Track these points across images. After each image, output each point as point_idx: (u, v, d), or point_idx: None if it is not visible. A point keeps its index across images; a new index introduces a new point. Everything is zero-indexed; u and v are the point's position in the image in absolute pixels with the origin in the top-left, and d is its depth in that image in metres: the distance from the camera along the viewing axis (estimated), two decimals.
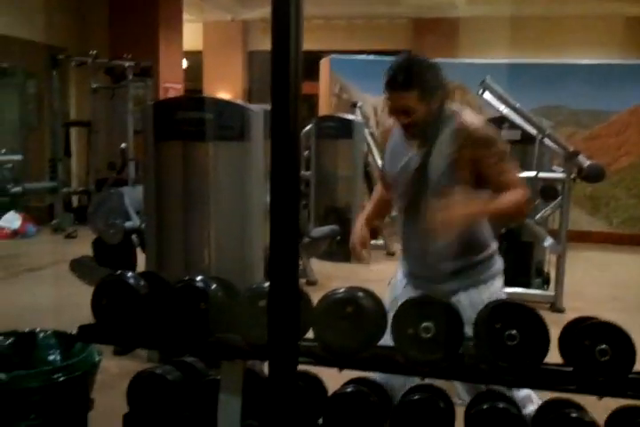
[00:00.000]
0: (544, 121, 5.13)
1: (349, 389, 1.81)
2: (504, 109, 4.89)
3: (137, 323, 1.64)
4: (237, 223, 3.33)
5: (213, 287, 1.70)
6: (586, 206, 7.74)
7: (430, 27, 9.99)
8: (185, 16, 9.50)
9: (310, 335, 1.64)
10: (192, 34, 10.56)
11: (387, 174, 2.29)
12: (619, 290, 5.67)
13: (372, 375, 1.95)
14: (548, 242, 4.95)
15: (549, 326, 1.57)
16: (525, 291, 5.00)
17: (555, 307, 4.88)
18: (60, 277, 4.72)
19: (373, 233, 6.38)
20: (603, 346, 1.54)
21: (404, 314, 1.63)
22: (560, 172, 5.01)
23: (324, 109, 8.29)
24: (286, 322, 1.37)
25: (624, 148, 7.76)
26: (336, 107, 8.11)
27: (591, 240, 7.46)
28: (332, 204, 6.61)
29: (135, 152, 7.01)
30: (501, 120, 4.91)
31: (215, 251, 3.33)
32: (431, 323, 1.59)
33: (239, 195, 3.32)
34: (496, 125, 5.47)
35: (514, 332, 1.57)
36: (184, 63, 9.76)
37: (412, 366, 1.61)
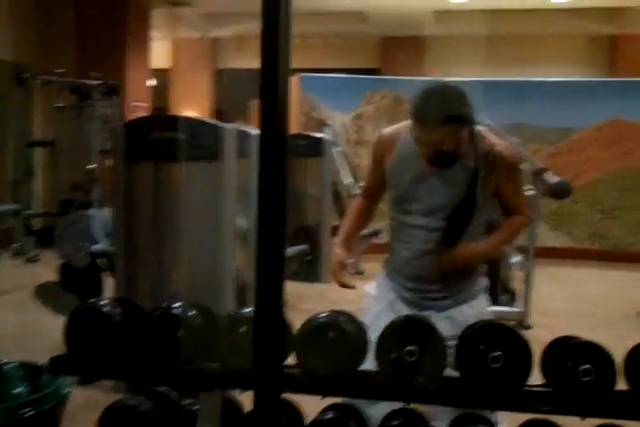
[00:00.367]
0: (513, 138, 5.20)
1: (328, 416, 1.78)
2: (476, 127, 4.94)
3: (113, 353, 1.59)
4: (209, 246, 3.28)
5: (191, 314, 1.66)
6: (550, 222, 7.86)
7: (399, 45, 10.13)
8: (153, 34, 9.46)
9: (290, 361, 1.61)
10: (160, 52, 10.52)
11: (392, 184, 2.20)
12: (585, 306, 5.75)
13: (350, 400, 1.92)
14: (516, 259, 4.99)
15: None
16: (493, 308, 5.01)
17: (522, 324, 4.92)
18: (22, 303, 4.57)
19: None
20: (586, 366, 1.54)
21: (387, 338, 1.62)
22: (528, 189, 5.08)
23: (294, 128, 8.30)
24: (272, 348, 1.34)
25: (587, 164, 7.92)
26: (305, 125, 8.13)
27: (555, 256, 7.54)
28: (302, 223, 6.57)
29: (101, 173, 6.89)
30: None
31: (186, 274, 3.27)
32: (415, 346, 1.57)
33: (211, 216, 3.27)
34: None
35: (498, 354, 1.56)
36: (152, 81, 9.70)
37: (396, 390, 1.59)
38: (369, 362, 1.63)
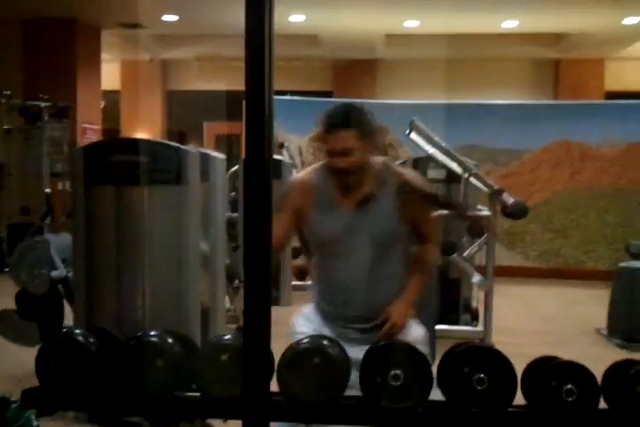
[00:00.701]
0: (468, 160, 5.30)
1: None
2: (430, 149, 5.02)
3: (90, 385, 1.52)
4: (173, 272, 3.20)
5: (170, 343, 1.61)
6: (504, 242, 8.01)
7: (350, 68, 10.28)
8: (103, 55, 9.34)
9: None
10: (110, 73, 10.39)
11: (314, 232, 2.20)
12: (543, 323, 5.86)
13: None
14: (477, 278, 5.05)
15: None
16: (454, 328, 5.06)
17: (484, 343, 4.96)
18: None
19: (302, 275, 6.33)
20: (569, 386, 1.55)
21: (371, 363, 1.60)
22: (485, 210, 5.17)
23: None
24: (259, 376, 1.32)
25: (538, 184, 8.14)
26: None
27: (510, 274, 7.68)
28: None
29: (53, 196, 6.71)
30: (427, 160, 5.05)
31: (150, 301, 3.17)
32: (400, 370, 1.56)
33: (175, 241, 3.20)
34: (422, 165, 5.64)
35: (482, 375, 1.56)
36: (101, 103, 9.56)
37: (383, 415, 1.57)
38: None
